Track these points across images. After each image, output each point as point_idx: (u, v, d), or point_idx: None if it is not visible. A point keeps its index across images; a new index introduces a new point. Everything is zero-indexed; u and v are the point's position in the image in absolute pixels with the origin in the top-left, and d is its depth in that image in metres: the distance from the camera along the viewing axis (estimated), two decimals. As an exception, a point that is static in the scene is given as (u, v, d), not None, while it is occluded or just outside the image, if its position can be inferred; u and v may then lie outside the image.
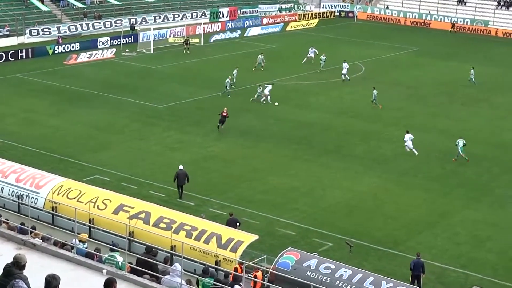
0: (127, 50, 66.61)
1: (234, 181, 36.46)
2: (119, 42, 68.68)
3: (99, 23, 73.87)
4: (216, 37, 75.41)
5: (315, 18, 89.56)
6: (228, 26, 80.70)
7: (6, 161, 31.49)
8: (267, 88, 49.89)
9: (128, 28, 72.85)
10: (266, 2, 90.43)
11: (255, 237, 25.75)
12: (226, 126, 43.54)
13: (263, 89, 50.13)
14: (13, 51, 61.69)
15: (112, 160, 38.39)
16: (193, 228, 25.44)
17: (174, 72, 59.15)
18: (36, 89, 52.46)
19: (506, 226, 32.43)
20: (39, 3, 72.48)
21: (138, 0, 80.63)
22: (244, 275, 20.35)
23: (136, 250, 23.50)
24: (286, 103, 49.82)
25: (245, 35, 77.76)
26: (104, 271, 15.29)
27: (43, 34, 68.97)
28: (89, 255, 18.19)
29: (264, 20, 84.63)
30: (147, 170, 37.22)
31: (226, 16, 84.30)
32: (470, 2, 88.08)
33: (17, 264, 12.04)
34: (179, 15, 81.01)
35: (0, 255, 15.10)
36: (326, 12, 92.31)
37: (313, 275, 23.12)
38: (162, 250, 23.45)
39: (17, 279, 11.71)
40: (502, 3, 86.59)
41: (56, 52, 64.38)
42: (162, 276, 18.22)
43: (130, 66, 61.29)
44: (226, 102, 47.59)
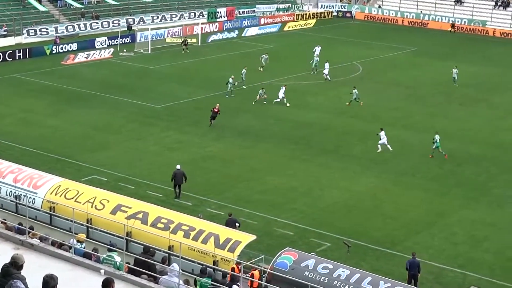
0: (125, 50, 66.58)
1: (232, 181, 36.45)
2: (116, 42, 68.64)
3: (97, 23, 73.83)
4: (213, 37, 75.38)
5: (313, 18, 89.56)
6: (225, 26, 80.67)
7: (3, 161, 31.46)
8: (282, 90, 49.69)
9: (126, 28, 72.76)
10: (263, 2, 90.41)
11: (253, 237, 25.75)
12: (223, 125, 43.53)
13: (265, 92, 50.01)
14: (10, 51, 61.64)
15: (109, 160, 38.37)
16: (191, 228, 25.43)
17: (172, 72, 59.12)
18: (33, 89, 52.42)
19: (504, 226, 32.45)
20: (36, 3, 72.44)
21: (135, 0, 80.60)
22: (242, 275, 20.34)
23: (134, 250, 23.49)
24: (284, 103, 49.75)
25: (242, 35, 77.74)
26: (102, 271, 15.28)
27: (40, 34, 68.91)
28: (86, 255, 18.17)
29: (262, 20, 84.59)
30: (145, 170, 37.20)
31: (224, 16, 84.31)
32: (468, 2, 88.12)
33: (15, 264, 12.03)
34: (176, 15, 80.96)
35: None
36: (324, 12, 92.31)
37: (311, 275, 23.11)
38: (160, 250, 23.46)
39: (15, 279, 11.70)
40: (499, 3, 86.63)
41: (53, 52, 64.34)
42: (160, 276, 18.23)
43: (127, 66, 61.26)
44: (225, 102, 47.49)
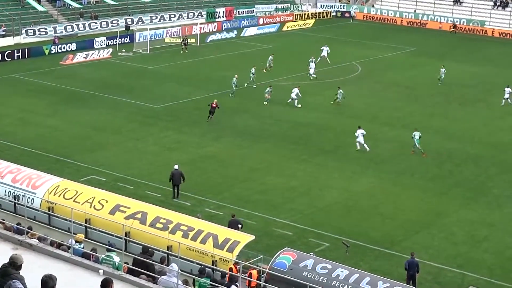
0: (124, 50, 66.56)
1: (231, 181, 36.44)
2: (115, 42, 68.62)
3: (96, 23, 73.81)
4: (212, 37, 75.37)
5: (312, 18, 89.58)
6: (224, 26, 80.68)
7: (2, 161, 31.40)
8: (294, 91, 49.57)
9: (124, 28, 72.74)
10: (262, 2, 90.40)
11: (251, 237, 25.73)
12: (221, 125, 43.49)
13: (270, 92, 49.99)
14: (9, 51, 61.62)
15: (108, 160, 38.36)
16: (189, 228, 25.40)
17: (171, 72, 59.10)
18: (32, 89, 52.39)
19: (503, 226, 32.46)
20: (35, 3, 72.41)
21: (134, 0, 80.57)
22: (240, 275, 20.33)
23: (133, 251, 23.48)
24: (283, 103, 49.80)
25: (241, 35, 77.75)
26: (101, 271, 15.28)
27: (39, 34, 68.88)
28: (85, 255, 18.17)
29: (261, 20, 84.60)
30: (144, 170, 37.19)
31: (223, 16, 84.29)
32: (467, 2, 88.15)
33: (13, 264, 12.02)
34: (175, 15, 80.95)
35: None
36: (323, 12, 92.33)
37: (309, 275, 23.09)
38: (159, 250, 23.44)
39: (13, 280, 11.69)
40: (498, 3, 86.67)
41: (52, 52, 64.31)
42: (159, 276, 18.22)
43: (126, 66, 61.24)
44: (224, 101, 47.44)
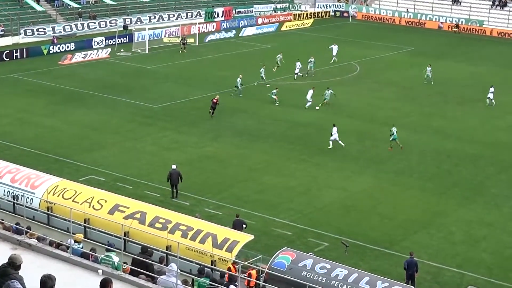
0: (122, 50, 66.54)
1: (229, 181, 36.44)
2: (114, 42, 68.61)
3: (94, 23, 73.80)
4: (211, 37, 75.38)
5: (310, 18, 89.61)
6: (223, 26, 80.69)
7: (1, 161, 31.38)
8: (309, 93, 49.46)
9: (122, 28, 72.72)
10: (261, 2, 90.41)
11: (250, 237, 25.75)
12: (220, 125, 43.46)
13: (276, 93, 50.07)
14: (7, 51, 61.59)
15: (107, 160, 38.35)
16: (188, 228, 25.40)
17: (169, 72, 59.09)
18: (31, 89, 52.37)
19: (501, 226, 32.47)
20: (34, 3, 72.35)
21: (132, 0, 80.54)
22: (239, 274, 20.33)
23: (132, 250, 23.47)
24: (281, 103, 49.79)
25: (240, 35, 77.76)
26: (100, 271, 15.27)
27: (38, 34, 68.85)
28: (84, 255, 18.15)
29: (259, 20, 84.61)
30: (143, 170, 37.18)
31: (221, 16, 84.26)
32: (465, 2, 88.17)
33: (12, 264, 12.00)
34: (174, 15, 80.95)
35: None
36: (321, 12, 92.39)
37: (308, 275, 23.09)
38: (158, 250, 23.43)
39: (12, 279, 11.67)
40: (496, 3, 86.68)
41: (51, 52, 64.29)
42: (158, 276, 18.21)
43: (125, 66, 61.23)
44: (224, 101, 47.41)
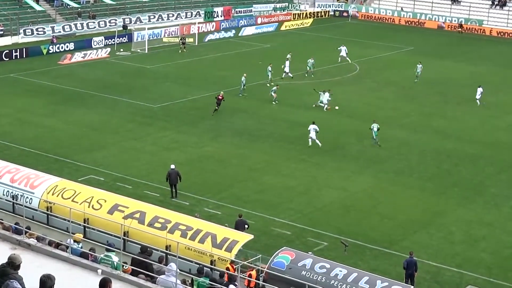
0: (122, 50, 66.51)
1: (229, 180, 36.43)
2: (113, 41, 68.59)
3: (94, 22, 73.77)
4: (210, 36, 75.34)
5: (310, 17, 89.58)
6: (222, 25, 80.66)
7: (0, 161, 31.42)
8: (326, 96, 49.33)
9: (122, 28, 72.69)
10: (260, 2, 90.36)
11: (250, 236, 25.77)
12: (219, 124, 43.51)
13: (276, 90, 50.07)
14: (7, 51, 61.55)
15: (107, 160, 38.35)
16: (188, 227, 25.40)
17: (169, 72, 59.07)
18: (30, 89, 52.35)
19: (501, 226, 32.48)
20: (33, 3, 72.33)
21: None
22: (239, 274, 20.33)
23: (131, 250, 23.47)
24: (281, 103, 49.80)
25: (239, 34, 77.73)
26: (99, 271, 15.27)
27: (37, 34, 68.83)
28: (84, 255, 18.15)
29: (259, 20, 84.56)
30: (142, 170, 37.18)
31: (221, 16, 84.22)
32: (464, 1, 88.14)
33: (12, 264, 12.00)
34: (173, 15, 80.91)
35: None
36: (321, 12, 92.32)
37: (308, 274, 23.10)
38: (157, 250, 23.43)
39: (12, 279, 11.67)
40: (496, 3, 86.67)
41: (50, 52, 64.26)
42: (157, 275, 18.20)
43: (124, 65, 61.21)
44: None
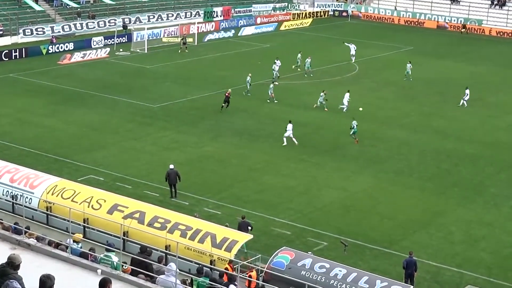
0: (121, 50, 66.50)
1: (229, 180, 36.43)
2: (113, 41, 68.58)
3: (93, 22, 73.76)
4: (210, 36, 75.35)
5: (309, 17, 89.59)
6: (222, 25, 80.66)
7: (0, 161, 31.42)
8: (345, 97, 49.03)
9: (122, 28, 72.69)
10: (260, 2, 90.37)
11: (250, 236, 25.77)
12: (219, 124, 43.53)
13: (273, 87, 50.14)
14: (6, 51, 61.55)
15: (106, 160, 38.34)
16: (187, 227, 25.40)
17: (168, 72, 59.07)
18: (30, 89, 52.34)
19: (500, 226, 32.47)
20: (32, 3, 72.32)
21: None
22: (238, 274, 20.32)
23: (131, 250, 23.45)
24: (280, 103, 49.80)
25: (239, 34, 77.73)
26: (99, 271, 15.26)
27: (37, 34, 68.82)
28: (83, 255, 18.13)
29: (258, 20, 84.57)
30: (142, 170, 37.17)
31: (220, 16, 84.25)
32: (464, 1, 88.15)
33: (11, 264, 11.98)
34: (173, 15, 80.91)
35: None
36: (320, 12, 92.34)
37: (307, 274, 23.11)
38: (157, 250, 23.41)
39: (11, 279, 11.65)
40: (495, 2, 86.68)
41: (50, 52, 64.25)
42: (157, 275, 18.19)
43: (124, 65, 61.20)
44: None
